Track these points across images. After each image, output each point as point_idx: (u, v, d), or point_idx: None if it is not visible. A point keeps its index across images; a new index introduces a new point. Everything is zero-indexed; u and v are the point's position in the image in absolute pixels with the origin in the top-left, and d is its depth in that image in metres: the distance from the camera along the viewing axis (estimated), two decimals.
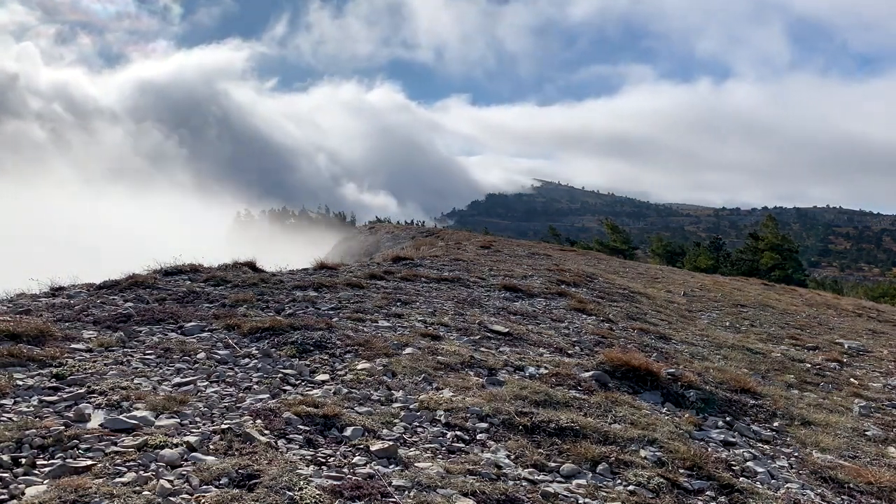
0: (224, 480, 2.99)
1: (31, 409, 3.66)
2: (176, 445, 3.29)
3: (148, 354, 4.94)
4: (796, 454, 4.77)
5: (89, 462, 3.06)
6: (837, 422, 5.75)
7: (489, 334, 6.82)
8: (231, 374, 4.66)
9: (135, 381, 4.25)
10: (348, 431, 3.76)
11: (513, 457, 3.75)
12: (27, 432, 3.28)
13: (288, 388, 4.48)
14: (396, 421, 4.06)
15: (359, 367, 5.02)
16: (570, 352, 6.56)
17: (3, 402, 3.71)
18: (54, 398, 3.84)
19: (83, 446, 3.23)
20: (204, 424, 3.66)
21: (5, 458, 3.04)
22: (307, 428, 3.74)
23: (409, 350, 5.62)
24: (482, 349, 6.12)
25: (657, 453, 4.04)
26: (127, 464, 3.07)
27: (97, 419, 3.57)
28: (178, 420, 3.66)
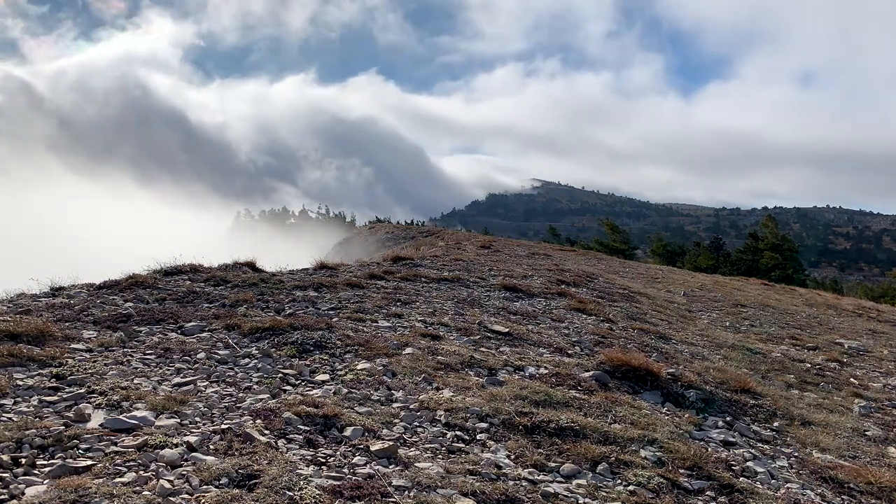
0: (224, 480, 2.99)
1: (31, 409, 3.66)
2: (176, 445, 3.29)
3: (148, 354, 4.94)
4: (796, 454, 4.77)
5: (89, 462, 3.06)
6: (837, 422, 5.75)
7: (489, 334, 6.82)
8: (231, 374, 4.66)
9: (135, 381, 4.25)
10: (348, 431, 3.76)
11: (513, 457, 3.75)
12: (27, 432, 3.29)
13: (288, 388, 4.48)
14: (396, 421, 4.06)
15: (359, 367, 5.02)
16: (570, 352, 6.56)
17: (3, 402, 3.71)
18: (54, 398, 3.84)
19: (83, 446, 3.23)
20: (204, 424, 3.66)
21: (5, 458, 3.04)
22: (307, 428, 3.74)
23: (409, 350, 5.62)
24: (482, 349, 6.12)
25: (657, 453, 4.04)
26: (127, 464, 3.07)
27: (97, 419, 3.57)
28: (178, 420, 3.66)
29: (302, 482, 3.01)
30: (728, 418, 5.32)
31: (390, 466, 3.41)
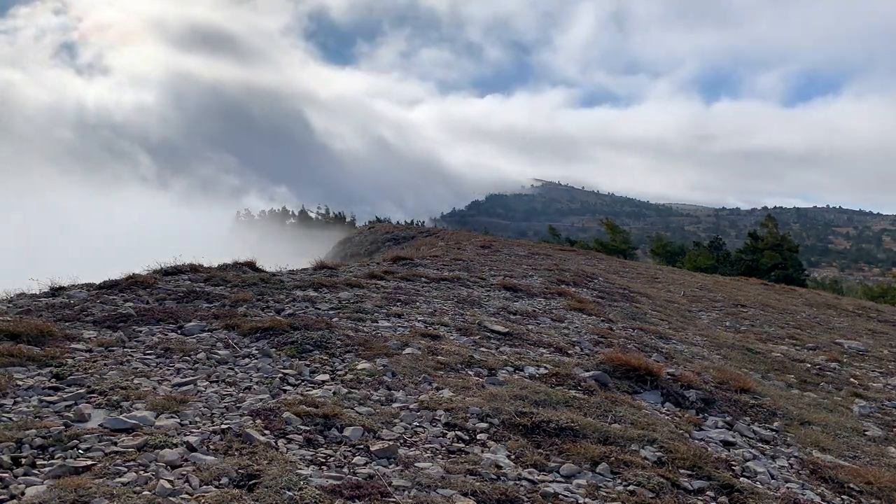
0: (224, 480, 2.99)
1: (31, 409, 3.66)
2: (176, 445, 3.29)
3: (148, 354, 4.94)
4: (796, 454, 4.77)
5: (89, 462, 3.05)
6: (837, 422, 5.76)
7: (489, 334, 6.82)
8: (231, 374, 4.66)
9: (135, 381, 4.25)
10: (348, 431, 3.76)
11: (513, 457, 3.75)
12: (27, 432, 3.28)
13: (288, 388, 4.48)
14: (396, 421, 4.06)
15: (359, 366, 5.02)
16: (569, 352, 6.56)
17: (3, 402, 3.71)
18: (54, 398, 3.83)
19: (83, 446, 3.23)
20: (204, 424, 3.65)
21: (5, 458, 3.04)
22: (307, 428, 3.74)
23: (409, 350, 5.62)
24: (482, 349, 6.12)
25: (657, 453, 4.04)
26: (127, 464, 3.07)
27: (97, 419, 3.57)
28: (178, 420, 3.66)
29: (302, 482, 3.01)
30: (728, 418, 5.32)
31: (390, 466, 3.41)
